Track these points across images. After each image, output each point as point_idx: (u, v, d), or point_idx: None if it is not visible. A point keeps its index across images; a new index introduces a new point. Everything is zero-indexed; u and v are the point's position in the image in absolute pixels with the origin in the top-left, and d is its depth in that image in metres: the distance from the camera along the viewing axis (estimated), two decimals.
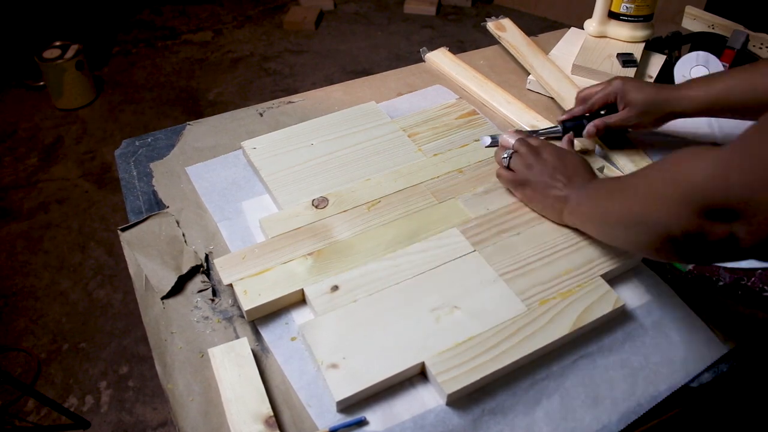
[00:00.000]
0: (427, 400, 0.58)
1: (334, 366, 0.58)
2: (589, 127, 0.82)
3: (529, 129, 0.88)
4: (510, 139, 0.76)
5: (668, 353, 0.63)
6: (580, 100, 0.86)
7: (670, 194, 0.50)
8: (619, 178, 0.65)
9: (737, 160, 0.45)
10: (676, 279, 0.69)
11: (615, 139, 0.87)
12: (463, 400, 0.58)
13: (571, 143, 0.81)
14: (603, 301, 0.64)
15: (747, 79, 0.72)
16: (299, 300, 0.67)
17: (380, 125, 0.87)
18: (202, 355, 0.62)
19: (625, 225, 0.57)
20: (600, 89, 0.83)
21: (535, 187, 0.71)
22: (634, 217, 0.55)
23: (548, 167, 0.71)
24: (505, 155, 0.75)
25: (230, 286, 0.68)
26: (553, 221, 0.72)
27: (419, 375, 0.60)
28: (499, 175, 0.76)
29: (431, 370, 0.58)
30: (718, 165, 0.46)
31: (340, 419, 0.57)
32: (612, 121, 0.81)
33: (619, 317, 0.66)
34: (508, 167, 0.75)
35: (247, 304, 0.64)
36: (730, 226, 0.46)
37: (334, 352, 0.59)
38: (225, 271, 0.67)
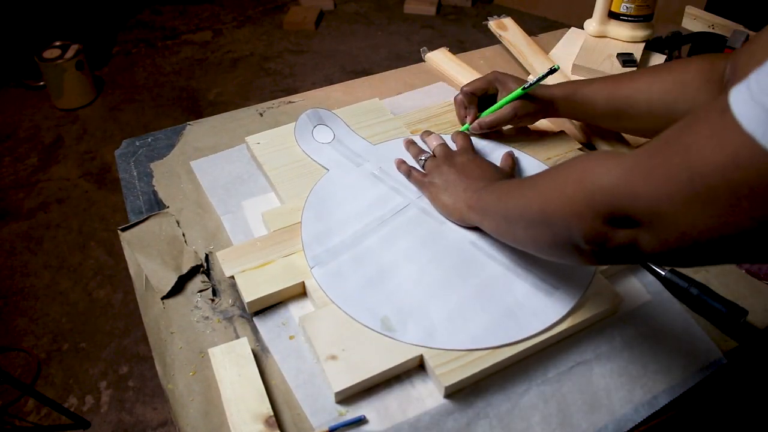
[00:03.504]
0: (425, 399, 0.59)
1: (333, 357, 0.59)
2: (473, 125, 0.83)
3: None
4: (433, 142, 0.79)
5: (667, 361, 0.63)
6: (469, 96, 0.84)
7: (573, 196, 0.48)
8: (526, 177, 0.64)
9: (644, 169, 0.42)
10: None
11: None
12: (460, 402, 0.58)
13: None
14: (602, 297, 0.64)
15: (616, 86, 0.74)
16: (300, 293, 0.67)
17: (383, 121, 0.88)
18: (203, 355, 0.62)
19: (526, 223, 0.55)
20: (478, 80, 0.84)
21: (438, 186, 0.72)
22: (535, 215, 0.53)
23: (455, 169, 0.72)
24: (423, 158, 0.77)
25: (232, 282, 0.68)
26: (455, 222, 0.71)
27: (418, 370, 0.61)
28: (410, 175, 0.76)
29: (429, 362, 0.59)
30: (624, 172, 0.43)
31: (336, 418, 0.57)
32: (490, 119, 0.81)
33: (618, 324, 0.66)
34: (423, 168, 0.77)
35: (248, 296, 0.64)
36: (633, 233, 0.43)
37: (334, 344, 0.60)
38: (227, 263, 0.67)
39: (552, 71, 0.78)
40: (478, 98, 0.84)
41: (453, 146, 0.80)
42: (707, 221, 0.37)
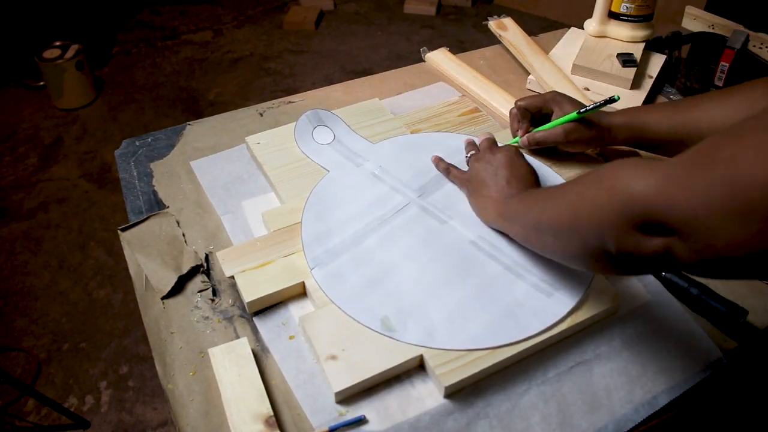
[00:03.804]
0: (425, 399, 0.59)
1: (333, 357, 0.59)
2: (523, 139, 0.81)
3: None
4: (481, 137, 0.78)
5: (667, 362, 0.63)
6: (522, 111, 0.83)
7: (605, 204, 0.47)
8: (555, 186, 0.62)
9: (682, 178, 0.41)
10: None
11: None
12: (460, 402, 0.58)
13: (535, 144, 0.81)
14: (602, 297, 0.64)
15: (679, 113, 0.71)
16: (300, 293, 0.67)
17: (383, 121, 0.88)
18: (203, 355, 0.62)
19: (555, 232, 0.55)
20: (536, 97, 0.82)
21: (476, 185, 0.72)
22: (566, 224, 0.53)
23: (492, 168, 0.71)
24: (468, 155, 0.77)
25: (232, 282, 0.68)
26: (484, 221, 0.71)
27: (418, 370, 0.61)
28: (448, 172, 0.77)
29: (429, 362, 0.59)
30: (659, 180, 0.43)
31: (336, 418, 0.57)
32: (540, 136, 0.79)
33: (618, 324, 0.66)
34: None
35: (248, 296, 0.64)
36: (667, 241, 0.43)
37: (334, 344, 0.60)
38: (227, 263, 0.67)
39: (611, 101, 0.74)
40: (532, 115, 0.83)
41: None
42: (745, 236, 0.37)
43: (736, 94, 0.67)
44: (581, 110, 0.76)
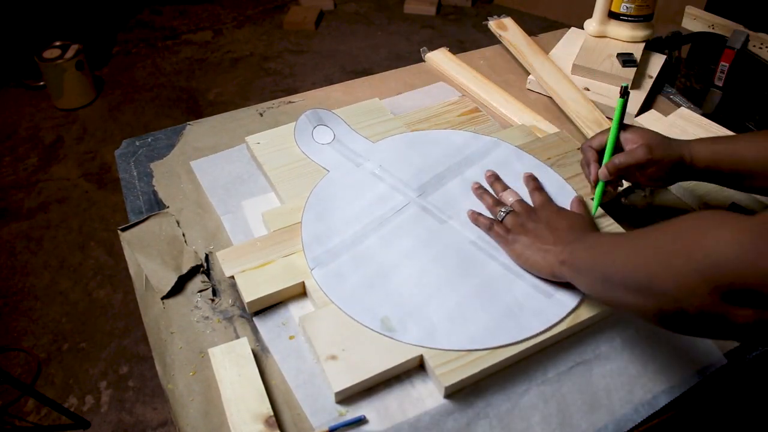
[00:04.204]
0: (425, 399, 0.59)
1: (333, 357, 0.59)
2: (602, 170, 0.71)
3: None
4: (509, 198, 0.73)
5: (667, 362, 0.63)
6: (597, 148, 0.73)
7: (683, 268, 0.42)
8: (625, 233, 0.57)
9: None
10: None
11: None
12: (460, 402, 0.58)
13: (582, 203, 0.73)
14: None
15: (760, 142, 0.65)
16: (300, 293, 0.67)
17: (383, 121, 0.88)
18: (203, 355, 0.62)
19: (627, 287, 0.49)
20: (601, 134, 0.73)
21: (525, 243, 0.66)
22: (638, 282, 0.47)
23: (541, 223, 0.66)
24: (503, 211, 0.70)
25: (232, 282, 0.68)
26: (542, 278, 0.65)
27: (418, 370, 0.61)
28: (490, 229, 0.70)
29: (429, 362, 0.59)
30: (745, 242, 0.38)
31: (336, 418, 0.57)
32: (619, 160, 0.69)
33: (618, 324, 0.66)
34: (501, 222, 0.70)
35: (248, 296, 0.64)
36: (759, 313, 0.38)
37: (334, 344, 0.60)
38: (227, 263, 0.67)
39: (625, 91, 0.70)
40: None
41: (526, 197, 0.74)
42: None
43: None
44: (623, 91, 0.70)
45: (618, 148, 0.72)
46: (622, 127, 0.71)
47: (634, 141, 0.69)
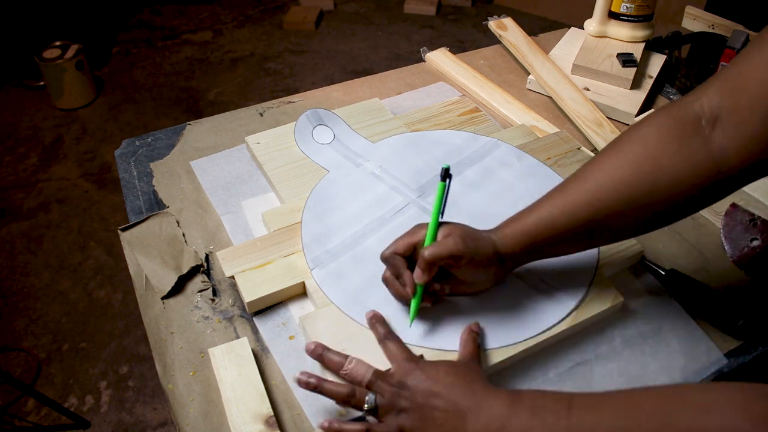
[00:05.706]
0: None
1: None
2: (415, 271, 0.58)
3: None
4: (360, 371, 0.55)
5: (667, 361, 0.63)
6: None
7: None
8: (591, 395, 0.46)
9: None
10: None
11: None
12: None
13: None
14: (602, 297, 0.64)
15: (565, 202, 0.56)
16: (300, 293, 0.67)
17: (383, 121, 0.88)
18: (203, 355, 0.62)
19: None
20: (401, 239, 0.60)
21: (416, 425, 0.51)
22: None
23: (418, 396, 0.51)
24: (368, 399, 0.53)
25: (232, 282, 0.68)
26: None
27: None
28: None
29: None
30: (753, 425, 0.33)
31: (335, 418, 0.57)
32: (430, 252, 0.56)
33: (618, 324, 0.66)
34: (375, 415, 0.53)
35: (248, 296, 0.64)
36: None
37: (334, 344, 0.60)
38: (227, 263, 0.67)
39: (446, 173, 0.60)
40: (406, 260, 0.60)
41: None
42: None
43: (628, 145, 0.54)
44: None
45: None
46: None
47: (445, 234, 0.58)
